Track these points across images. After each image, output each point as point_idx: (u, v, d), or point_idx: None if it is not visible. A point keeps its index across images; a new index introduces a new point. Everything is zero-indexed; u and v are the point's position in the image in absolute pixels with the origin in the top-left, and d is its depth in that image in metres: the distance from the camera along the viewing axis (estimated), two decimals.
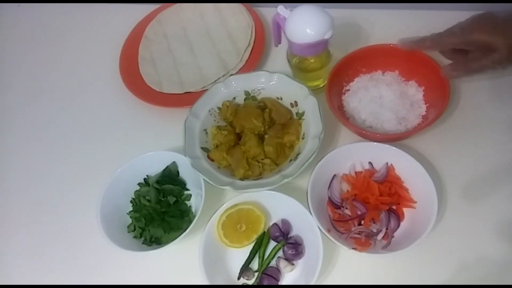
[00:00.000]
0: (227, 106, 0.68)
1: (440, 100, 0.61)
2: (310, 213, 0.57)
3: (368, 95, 0.67)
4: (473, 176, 0.61)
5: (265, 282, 0.57)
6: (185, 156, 0.62)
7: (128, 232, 0.63)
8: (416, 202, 0.59)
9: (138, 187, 0.67)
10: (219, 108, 0.69)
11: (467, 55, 0.60)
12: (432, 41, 0.61)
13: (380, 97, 0.66)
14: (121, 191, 0.65)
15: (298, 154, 0.62)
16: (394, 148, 0.60)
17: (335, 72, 0.66)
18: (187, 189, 0.67)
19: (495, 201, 0.59)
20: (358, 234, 0.57)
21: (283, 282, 0.58)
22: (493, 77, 0.68)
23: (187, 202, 0.66)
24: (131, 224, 0.64)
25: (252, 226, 0.60)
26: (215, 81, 0.75)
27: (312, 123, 0.63)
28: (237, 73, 0.77)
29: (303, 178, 0.61)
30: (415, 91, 0.67)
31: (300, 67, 0.69)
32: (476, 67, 0.58)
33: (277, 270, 0.58)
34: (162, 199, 0.64)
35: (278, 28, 0.66)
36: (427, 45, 0.62)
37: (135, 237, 0.63)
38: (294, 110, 0.68)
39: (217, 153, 0.65)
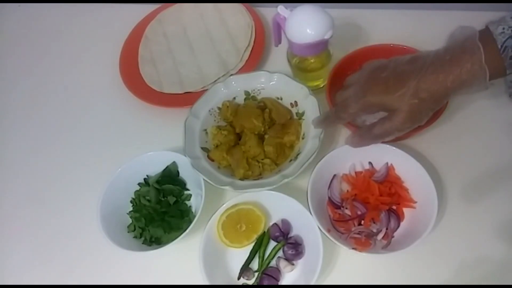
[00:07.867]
0: (227, 106, 0.68)
1: None
2: (310, 213, 0.57)
3: None
4: (473, 176, 0.61)
5: (265, 282, 0.57)
6: (185, 156, 0.62)
7: (128, 232, 0.63)
8: (416, 202, 0.59)
9: (138, 187, 0.67)
10: (219, 108, 0.69)
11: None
12: (335, 118, 0.58)
13: None
14: (121, 191, 0.65)
15: (298, 154, 0.62)
16: (394, 148, 0.60)
17: (335, 72, 0.66)
18: (187, 189, 0.67)
19: (495, 201, 0.59)
20: (358, 234, 0.57)
21: (283, 282, 0.58)
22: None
23: (187, 202, 0.66)
24: (131, 224, 0.64)
25: (252, 226, 0.60)
26: (215, 81, 0.75)
27: None
28: (237, 73, 0.77)
29: (303, 178, 0.61)
30: None
31: (300, 67, 0.69)
32: (379, 133, 0.54)
33: (277, 270, 0.58)
34: (162, 199, 0.64)
35: (278, 28, 0.66)
36: (331, 123, 0.60)
37: (135, 237, 0.63)
38: (294, 110, 0.68)
39: (217, 153, 0.65)
